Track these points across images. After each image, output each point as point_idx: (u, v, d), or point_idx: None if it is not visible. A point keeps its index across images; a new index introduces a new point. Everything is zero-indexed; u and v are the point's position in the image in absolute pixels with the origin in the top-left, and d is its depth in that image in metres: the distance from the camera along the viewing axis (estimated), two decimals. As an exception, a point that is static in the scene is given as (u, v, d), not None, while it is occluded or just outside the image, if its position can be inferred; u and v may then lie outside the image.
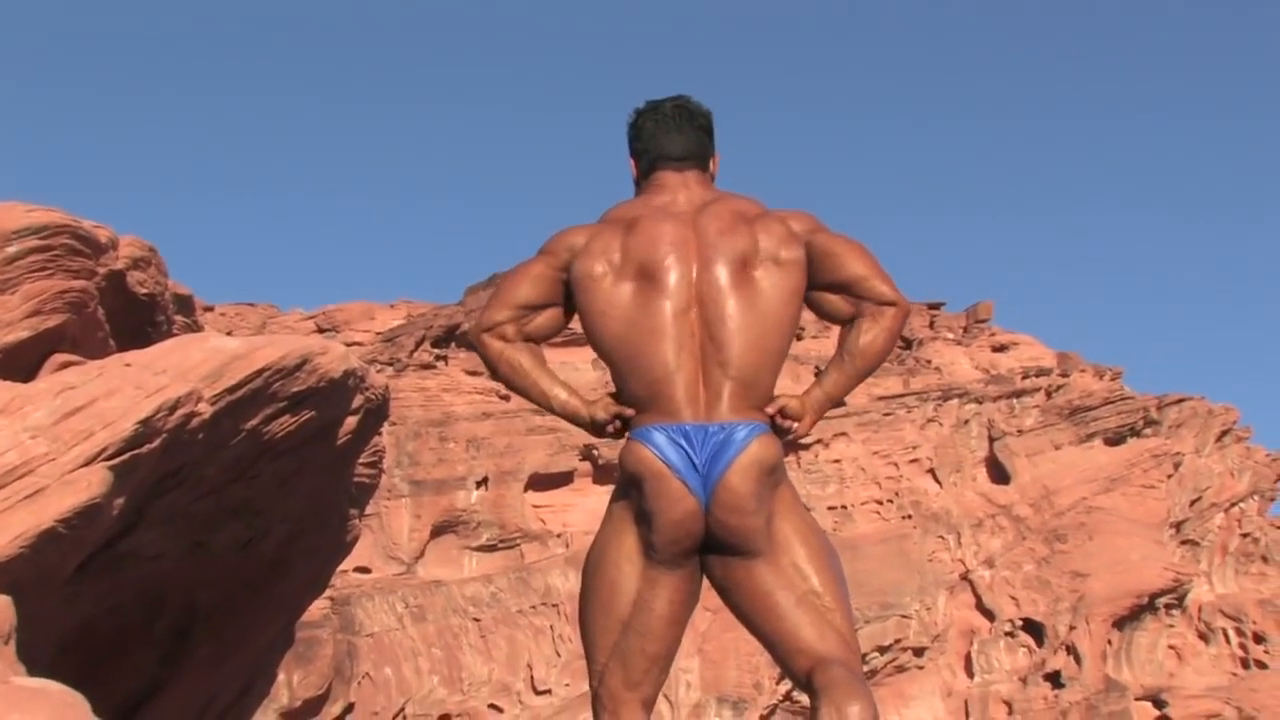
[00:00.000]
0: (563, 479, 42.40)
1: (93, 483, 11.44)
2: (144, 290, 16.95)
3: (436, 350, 44.32)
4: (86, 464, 11.54)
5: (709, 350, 3.60)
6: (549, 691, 38.68)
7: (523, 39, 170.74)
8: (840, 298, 3.76)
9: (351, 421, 15.85)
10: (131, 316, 16.66)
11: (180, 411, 12.45)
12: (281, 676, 28.39)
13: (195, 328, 19.65)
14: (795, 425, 3.70)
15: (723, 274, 3.63)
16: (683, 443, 3.54)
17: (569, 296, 3.81)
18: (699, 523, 3.55)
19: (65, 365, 13.73)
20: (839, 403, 3.92)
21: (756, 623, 3.63)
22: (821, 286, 3.76)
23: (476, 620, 39.09)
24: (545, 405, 3.82)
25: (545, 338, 3.87)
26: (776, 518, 3.61)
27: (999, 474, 46.85)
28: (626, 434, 3.69)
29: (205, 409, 12.90)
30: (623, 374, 3.68)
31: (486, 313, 3.83)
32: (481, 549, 41.36)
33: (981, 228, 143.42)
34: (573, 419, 3.81)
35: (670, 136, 3.90)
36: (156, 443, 12.16)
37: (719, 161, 4.01)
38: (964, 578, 44.42)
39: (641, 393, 3.63)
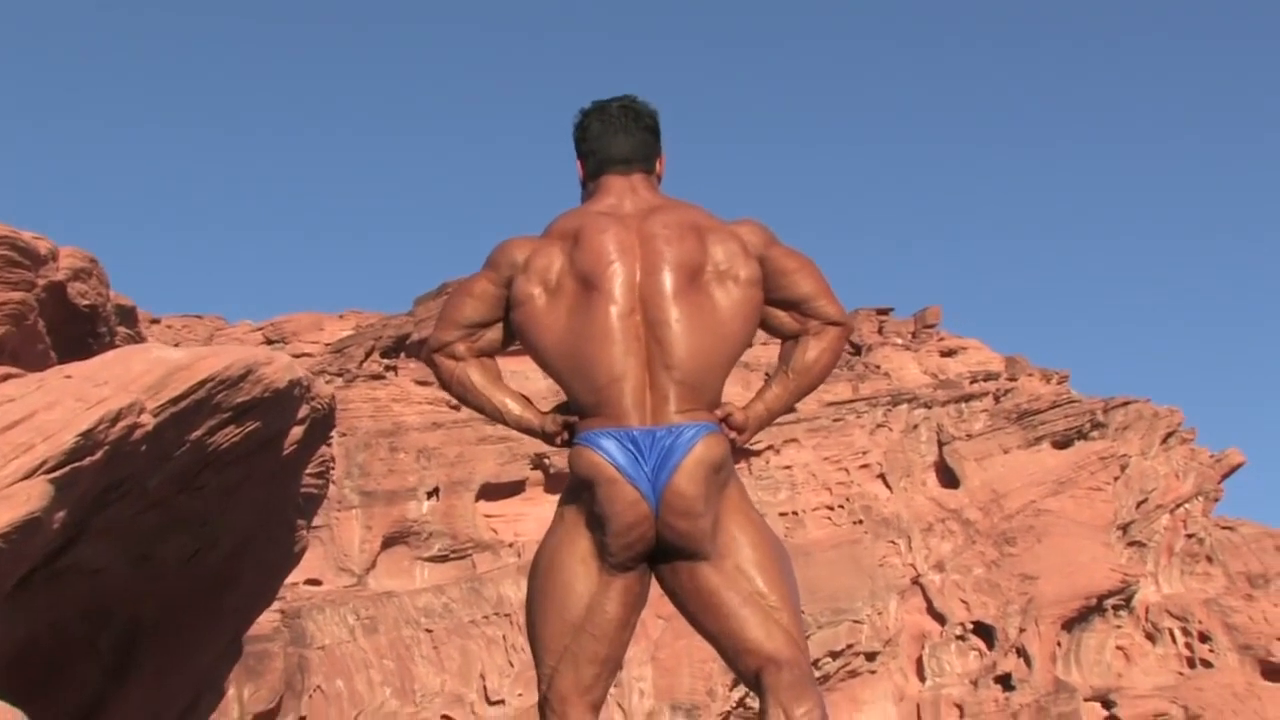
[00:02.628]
0: (514, 488, 42.29)
1: (32, 496, 11.30)
2: (85, 301, 16.85)
3: (386, 360, 44.15)
4: (26, 477, 11.40)
5: (654, 353, 3.60)
6: (502, 702, 38.51)
7: (467, 49, 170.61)
8: (788, 315, 3.80)
9: (298, 431, 15.84)
10: (72, 328, 16.55)
11: (122, 423, 12.39)
12: (231, 690, 28.16)
13: (138, 339, 19.49)
14: (736, 436, 3.72)
15: (668, 279, 3.64)
16: (632, 448, 3.54)
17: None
18: (651, 528, 3.56)
19: (4, 378, 13.53)
20: (777, 417, 3.95)
21: (704, 623, 3.63)
22: (771, 303, 3.80)
23: (429, 631, 38.86)
24: (500, 419, 3.85)
25: (497, 351, 3.90)
26: (723, 518, 3.61)
27: (948, 478, 47.08)
28: (574, 440, 3.69)
29: (148, 420, 12.84)
30: (568, 381, 3.68)
31: (436, 333, 3.86)
32: (433, 559, 41.16)
33: (929, 232, 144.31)
34: (528, 431, 3.84)
35: (616, 138, 3.91)
36: (98, 455, 12.12)
37: (665, 161, 4.02)
38: (915, 582, 44.60)
39: (588, 398, 3.63)
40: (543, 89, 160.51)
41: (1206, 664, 46.46)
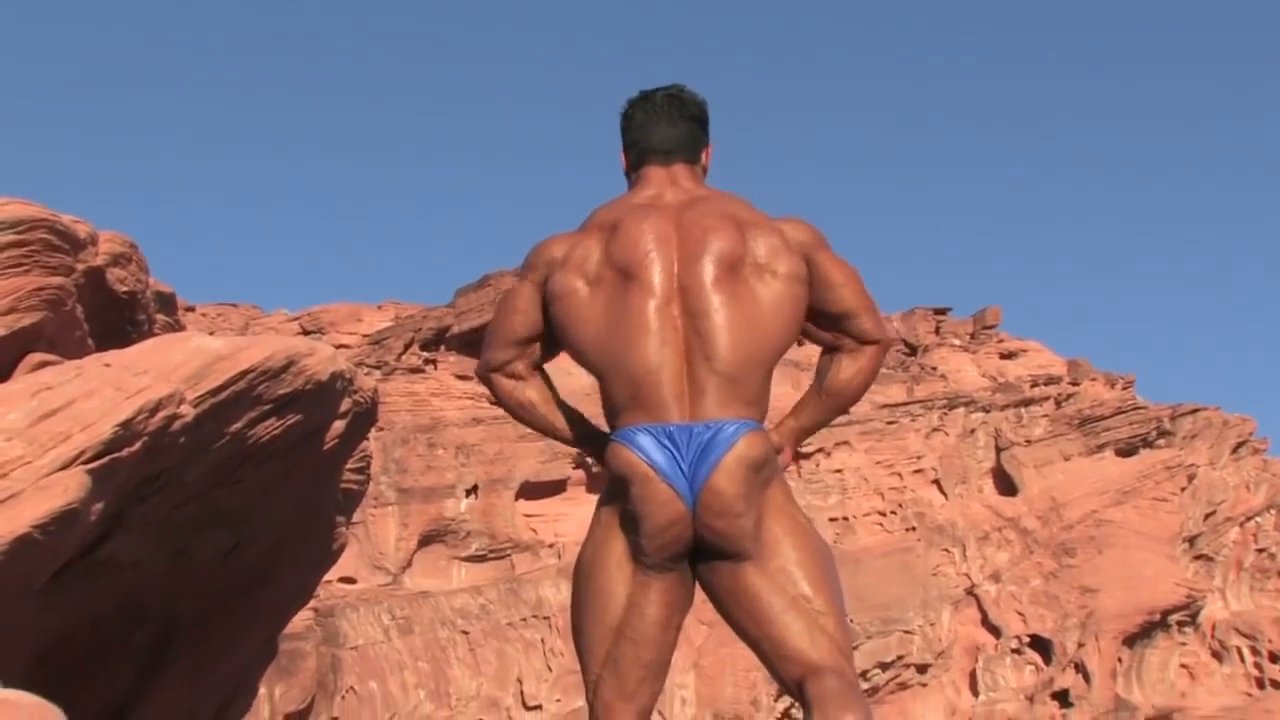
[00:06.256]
0: (555, 487, 42.10)
1: (70, 487, 11.18)
2: (124, 288, 17.13)
3: (425, 353, 44.03)
4: (64, 468, 11.28)
5: (693, 344, 3.53)
6: (539, 707, 38.31)
7: (510, 38, 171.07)
8: (825, 327, 3.74)
9: (339, 425, 15.83)
10: (111, 315, 16.55)
11: (161, 414, 12.33)
12: (263, 690, 27.91)
13: (177, 327, 19.73)
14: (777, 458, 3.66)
15: (708, 269, 3.57)
16: (668, 444, 3.46)
17: None
18: (688, 527, 3.47)
19: (42, 365, 13.60)
20: (811, 435, 3.90)
21: (745, 627, 3.53)
22: (810, 311, 3.73)
23: (465, 633, 38.64)
24: (558, 439, 3.86)
25: (553, 357, 3.87)
26: (766, 518, 3.52)
27: (1006, 485, 46.61)
28: (611, 436, 3.62)
29: (187, 411, 12.80)
30: (605, 376, 3.61)
31: (490, 354, 3.84)
32: (471, 559, 40.94)
33: (990, 231, 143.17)
34: (591, 454, 3.83)
35: (659, 127, 3.86)
36: (137, 446, 12.04)
37: (712, 152, 3.96)
38: (969, 592, 44.15)
39: (625, 392, 3.56)
40: (587, 79, 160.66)
41: (1276, 685, 45.89)
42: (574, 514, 40.18)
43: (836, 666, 3.40)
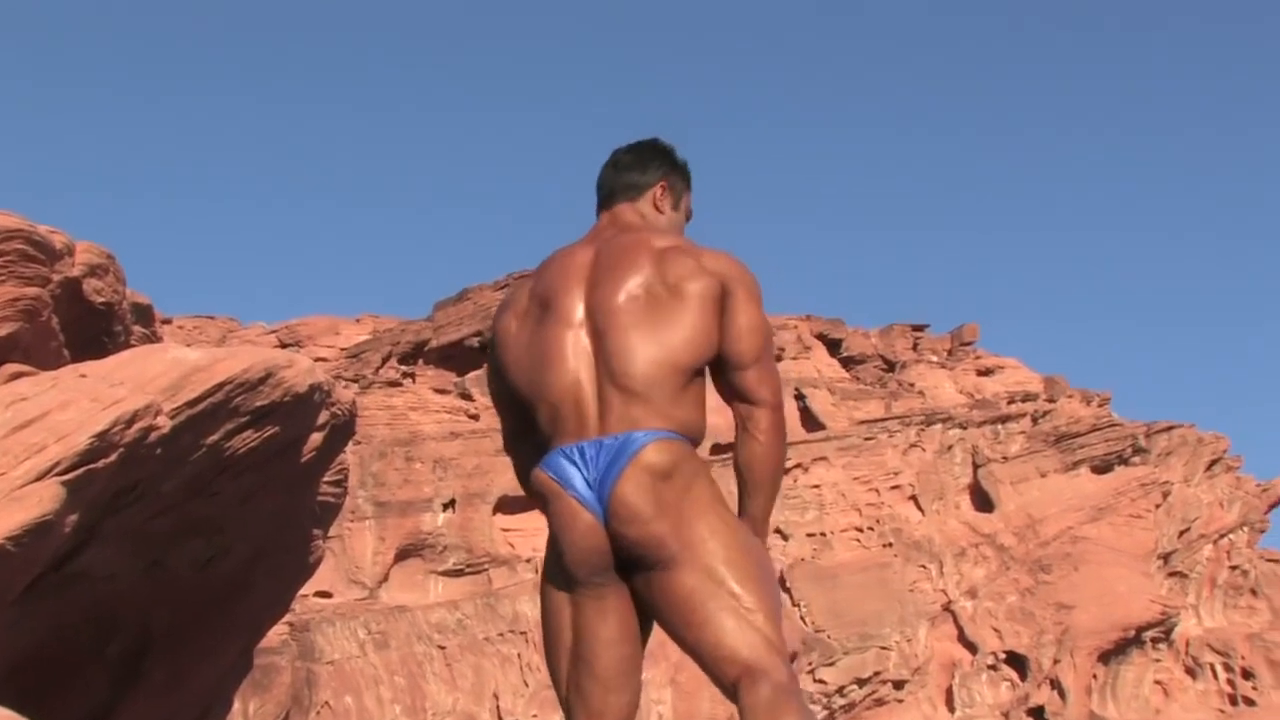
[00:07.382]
0: (533, 502, 41.82)
1: (44, 498, 11.17)
2: (101, 299, 17.01)
3: (403, 367, 43.95)
4: (38, 479, 11.28)
5: (600, 362, 3.59)
6: (516, 722, 38.10)
7: (493, 50, 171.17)
8: (717, 373, 3.69)
9: (317, 438, 15.79)
10: (87, 326, 16.49)
11: (138, 425, 12.29)
12: (237, 704, 27.70)
13: (154, 338, 19.60)
14: None
15: (615, 291, 3.63)
16: (578, 459, 3.50)
17: None
18: (602, 539, 3.48)
19: (17, 376, 13.51)
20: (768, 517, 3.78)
21: (681, 634, 3.48)
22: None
23: (441, 648, 38.49)
24: None
25: None
26: (692, 521, 3.48)
27: (983, 502, 46.60)
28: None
29: (164, 422, 12.75)
30: (531, 405, 3.66)
31: (502, 431, 3.93)
32: (448, 574, 40.75)
33: (968, 247, 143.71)
34: None
35: (605, 177, 3.98)
36: (112, 457, 12.00)
37: (666, 188, 3.96)
38: (946, 608, 44.05)
39: (546, 419, 3.62)
40: (568, 92, 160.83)
41: (1249, 702, 45.78)
42: (551, 529, 40.07)
43: (770, 665, 3.35)
